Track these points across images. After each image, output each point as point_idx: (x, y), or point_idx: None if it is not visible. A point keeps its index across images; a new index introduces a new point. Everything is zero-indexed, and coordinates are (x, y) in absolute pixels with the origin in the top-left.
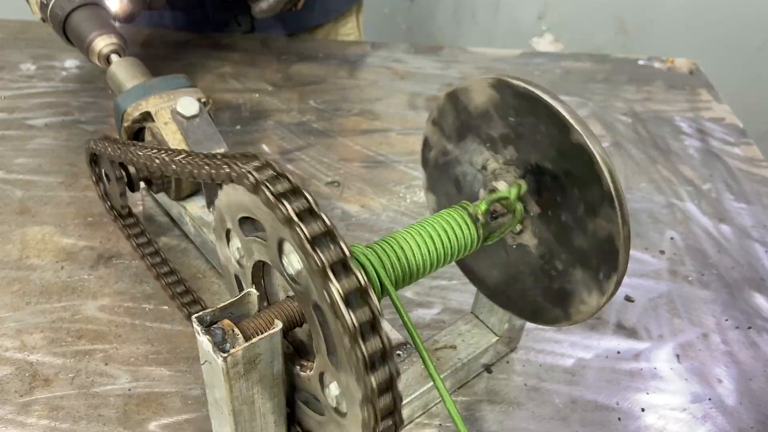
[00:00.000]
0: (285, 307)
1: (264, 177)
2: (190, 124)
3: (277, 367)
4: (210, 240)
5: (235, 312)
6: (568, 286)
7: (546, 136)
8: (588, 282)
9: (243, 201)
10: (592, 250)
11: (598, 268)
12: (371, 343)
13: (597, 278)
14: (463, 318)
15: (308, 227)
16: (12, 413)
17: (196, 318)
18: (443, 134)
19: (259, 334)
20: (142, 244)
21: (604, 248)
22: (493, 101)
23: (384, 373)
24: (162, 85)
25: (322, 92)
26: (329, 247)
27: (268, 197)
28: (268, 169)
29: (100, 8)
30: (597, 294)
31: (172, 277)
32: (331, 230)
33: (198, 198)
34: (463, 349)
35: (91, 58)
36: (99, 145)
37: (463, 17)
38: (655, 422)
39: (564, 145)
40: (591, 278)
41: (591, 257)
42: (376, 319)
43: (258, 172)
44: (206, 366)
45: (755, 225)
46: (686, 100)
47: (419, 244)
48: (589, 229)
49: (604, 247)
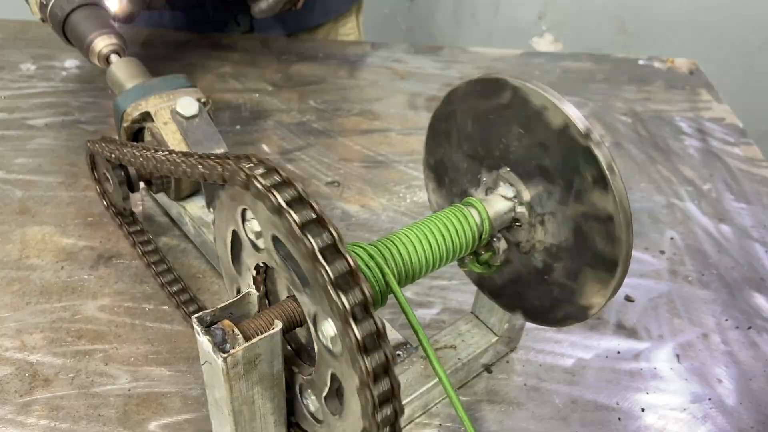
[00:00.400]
0: (285, 308)
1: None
2: (190, 124)
3: (277, 367)
4: (210, 240)
5: (236, 312)
6: (574, 285)
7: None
8: (592, 281)
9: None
10: (596, 245)
11: (603, 264)
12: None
13: (601, 275)
14: (463, 318)
15: (298, 215)
16: (12, 413)
17: (196, 318)
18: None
19: (259, 335)
20: (142, 242)
21: (607, 242)
22: (472, 113)
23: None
24: (162, 85)
25: (322, 92)
26: (334, 259)
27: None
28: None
29: (100, 8)
30: (601, 293)
31: (169, 275)
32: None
33: (198, 198)
34: (463, 349)
35: (90, 59)
36: (101, 146)
37: (463, 17)
38: (655, 422)
39: (547, 134)
40: (596, 276)
41: (594, 253)
42: (367, 302)
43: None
44: (206, 366)
45: (755, 225)
46: (686, 100)
47: (421, 241)
48: (592, 226)
49: (607, 242)
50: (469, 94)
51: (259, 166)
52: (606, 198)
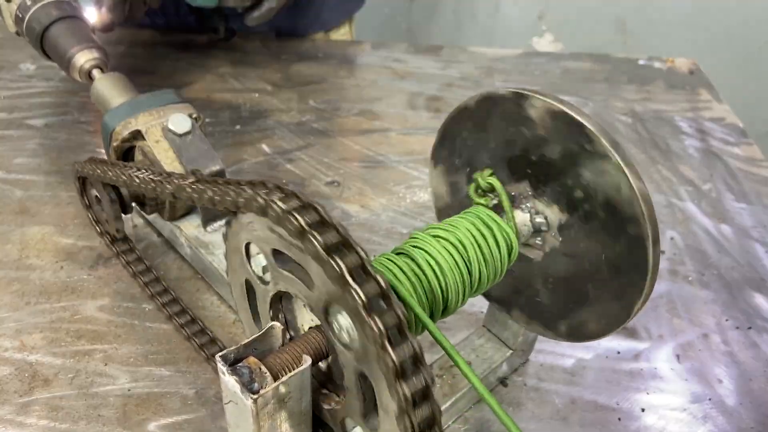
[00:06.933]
0: (310, 339)
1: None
2: (183, 141)
3: (306, 403)
4: (208, 260)
5: (259, 347)
6: (601, 294)
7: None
8: (619, 285)
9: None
10: (621, 253)
11: (629, 269)
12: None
13: (628, 280)
14: (476, 332)
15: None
16: (12, 413)
17: (220, 357)
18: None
19: (287, 371)
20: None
21: (633, 249)
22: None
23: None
24: (150, 101)
25: (321, 92)
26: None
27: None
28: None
29: (79, 21)
30: (631, 296)
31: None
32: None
33: (192, 217)
34: (478, 365)
35: (71, 74)
36: (101, 169)
37: (463, 17)
38: (655, 422)
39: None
40: (623, 281)
41: (620, 261)
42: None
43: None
44: (231, 406)
45: (755, 225)
46: (686, 100)
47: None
48: (616, 232)
49: (634, 249)
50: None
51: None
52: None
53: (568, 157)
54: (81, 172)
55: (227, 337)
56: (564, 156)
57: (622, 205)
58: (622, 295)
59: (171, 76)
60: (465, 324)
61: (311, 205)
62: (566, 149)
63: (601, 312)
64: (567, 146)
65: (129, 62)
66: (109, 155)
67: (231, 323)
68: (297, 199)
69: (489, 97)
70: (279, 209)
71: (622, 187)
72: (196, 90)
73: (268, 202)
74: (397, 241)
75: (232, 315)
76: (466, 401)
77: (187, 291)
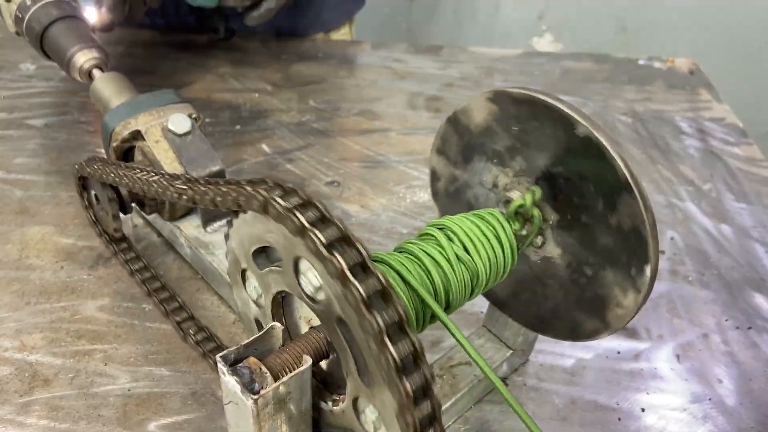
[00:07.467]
0: (311, 339)
1: (272, 195)
2: (183, 141)
3: (306, 404)
4: (208, 261)
5: (259, 348)
6: (601, 291)
7: (552, 137)
8: (621, 282)
9: (255, 231)
10: (619, 246)
11: (629, 263)
12: (400, 346)
13: (630, 275)
14: (476, 332)
15: (323, 233)
16: (12, 413)
17: (220, 357)
18: (449, 161)
19: (287, 371)
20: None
21: (631, 241)
22: (493, 115)
23: (418, 377)
24: (150, 101)
25: (321, 92)
26: (346, 251)
27: (278, 211)
28: (276, 189)
29: (79, 20)
30: (633, 292)
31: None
32: (347, 236)
33: (192, 217)
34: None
35: (71, 74)
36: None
37: (463, 17)
38: (656, 422)
39: (571, 142)
40: (624, 277)
41: (619, 254)
42: (402, 320)
43: (267, 192)
44: (231, 406)
45: (755, 225)
46: (686, 100)
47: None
48: (612, 225)
49: (631, 240)
50: (490, 110)
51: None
52: (623, 186)
53: (577, 169)
54: (81, 172)
55: (227, 337)
56: (576, 170)
57: (623, 209)
58: (622, 294)
59: (171, 76)
60: (465, 324)
61: (311, 203)
62: (583, 167)
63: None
64: (585, 166)
65: (129, 62)
66: (108, 155)
67: (231, 323)
68: (297, 196)
69: (532, 100)
70: (279, 206)
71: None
72: (196, 90)
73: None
74: (397, 241)
75: (232, 315)
76: (466, 401)
77: (187, 291)
